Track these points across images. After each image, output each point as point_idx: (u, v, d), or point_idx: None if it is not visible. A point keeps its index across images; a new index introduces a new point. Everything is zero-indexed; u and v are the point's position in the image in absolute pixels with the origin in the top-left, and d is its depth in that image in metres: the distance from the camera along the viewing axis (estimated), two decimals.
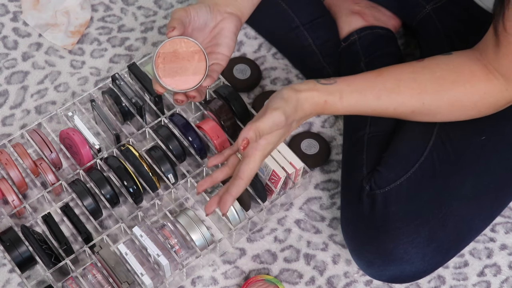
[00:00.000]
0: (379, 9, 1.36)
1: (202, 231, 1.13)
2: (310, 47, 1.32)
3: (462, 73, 0.99)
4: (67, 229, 1.18)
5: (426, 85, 1.00)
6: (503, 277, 1.19)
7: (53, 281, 1.09)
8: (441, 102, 1.00)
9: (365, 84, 1.01)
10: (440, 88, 1.00)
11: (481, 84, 0.98)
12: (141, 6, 1.47)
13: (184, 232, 1.13)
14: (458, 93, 0.99)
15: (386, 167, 1.08)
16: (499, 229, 1.23)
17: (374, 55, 1.27)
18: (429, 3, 1.26)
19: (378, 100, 1.00)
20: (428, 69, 1.01)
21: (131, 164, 1.17)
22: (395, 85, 1.00)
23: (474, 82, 0.99)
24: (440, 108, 1.01)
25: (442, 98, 1.00)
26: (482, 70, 0.98)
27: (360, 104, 1.00)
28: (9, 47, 1.41)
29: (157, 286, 1.10)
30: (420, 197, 1.06)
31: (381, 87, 1.00)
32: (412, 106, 1.01)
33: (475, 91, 0.99)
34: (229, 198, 0.95)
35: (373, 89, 1.00)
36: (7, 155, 1.17)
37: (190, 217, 1.14)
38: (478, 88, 0.99)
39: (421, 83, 1.00)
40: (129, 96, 1.22)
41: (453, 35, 1.22)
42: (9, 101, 1.34)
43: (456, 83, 0.99)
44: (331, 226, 1.22)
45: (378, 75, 1.02)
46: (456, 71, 1.00)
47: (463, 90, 0.99)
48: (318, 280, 1.17)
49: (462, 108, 1.00)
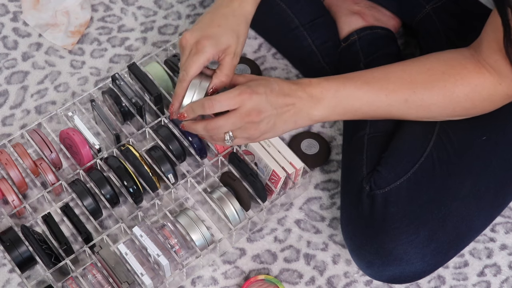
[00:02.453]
0: (379, 9, 1.36)
1: (202, 231, 1.13)
2: (309, 47, 1.32)
3: (452, 66, 0.99)
4: (67, 229, 1.18)
5: (416, 76, 1.00)
6: (503, 277, 1.19)
7: (53, 281, 1.09)
8: (432, 92, 1.00)
9: (352, 74, 1.02)
10: (430, 78, 1.00)
11: (472, 76, 0.98)
12: (141, 6, 1.47)
13: (184, 232, 1.13)
14: (448, 84, 0.99)
15: (386, 168, 1.08)
16: (499, 229, 1.23)
17: (373, 55, 1.27)
18: (429, 3, 1.26)
19: (368, 85, 1.00)
20: (417, 62, 1.02)
21: (131, 164, 1.17)
22: (383, 74, 1.01)
23: (464, 73, 0.99)
24: (432, 98, 1.00)
25: (433, 87, 1.00)
26: (473, 64, 0.98)
27: (348, 88, 1.00)
28: (9, 47, 1.41)
29: (157, 286, 1.10)
30: (420, 197, 1.06)
31: (368, 75, 1.01)
32: (403, 94, 1.00)
33: (466, 83, 0.99)
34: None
35: (360, 76, 1.01)
36: (7, 155, 1.17)
37: (190, 217, 1.14)
38: (469, 80, 0.99)
39: (410, 74, 1.00)
40: (129, 96, 1.22)
41: (453, 35, 1.22)
42: (9, 101, 1.34)
43: (446, 74, 0.99)
44: (331, 226, 1.22)
45: (368, 69, 1.03)
46: (447, 63, 1.00)
47: (454, 81, 0.99)
48: (318, 280, 1.17)
49: (455, 99, 1.00)
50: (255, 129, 0.99)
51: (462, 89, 0.99)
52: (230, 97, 0.97)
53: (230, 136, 0.99)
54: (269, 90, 0.98)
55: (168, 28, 1.44)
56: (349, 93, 1.00)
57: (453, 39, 1.22)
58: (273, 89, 0.98)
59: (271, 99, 0.98)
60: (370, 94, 1.00)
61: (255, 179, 1.16)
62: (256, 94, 0.97)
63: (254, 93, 0.97)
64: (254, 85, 0.98)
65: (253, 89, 0.97)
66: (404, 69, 1.01)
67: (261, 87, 0.98)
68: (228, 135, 0.99)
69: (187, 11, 1.46)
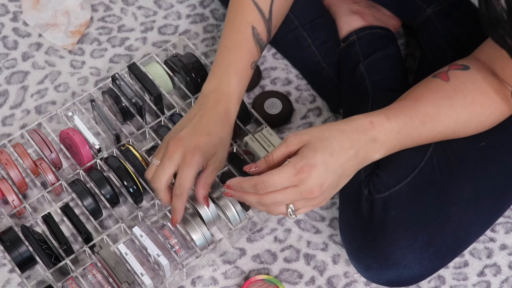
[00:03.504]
0: (379, 8, 1.36)
1: (203, 230, 1.13)
2: (309, 47, 1.32)
3: (489, 95, 0.98)
4: (67, 229, 1.18)
5: (462, 113, 0.99)
6: (503, 277, 1.19)
7: (53, 281, 1.09)
8: (469, 128, 1.01)
9: (407, 108, 0.98)
10: (471, 115, 0.99)
11: (503, 105, 0.99)
12: (141, 6, 1.47)
13: (184, 232, 1.13)
14: (483, 117, 0.99)
15: (386, 172, 1.08)
16: (499, 229, 1.23)
17: (373, 55, 1.27)
18: (429, 6, 1.26)
19: (424, 125, 0.97)
20: (460, 94, 0.98)
21: (131, 164, 1.17)
22: (435, 112, 0.98)
23: (498, 102, 0.99)
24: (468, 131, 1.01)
25: (471, 124, 1.00)
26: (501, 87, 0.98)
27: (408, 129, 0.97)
28: (9, 47, 1.41)
29: (157, 286, 1.10)
30: (419, 202, 1.06)
31: (423, 113, 0.97)
32: (446, 135, 1.00)
33: (499, 113, 0.99)
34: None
35: (417, 112, 0.97)
36: (7, 155, 1.17)
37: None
38: (502, 108, 0.99)
39: (456, 110, 0.98)
40: (129, 96, 1.22)
41: (453, 38, 1.23)
42: (9, 101, 1.34)
43: (485, 107, 0.99)
44: (331, 226, 1.22)
45: (416, 100, 0.99)
46: (484, 92, 0.98)
47: (489, 113, 0.99)
48: (318, 280, 1.17)
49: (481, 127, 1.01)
50: (319, 200, 0.93)
51: (494, 118, 1.00)
52: (285, 178, 0.89)
53: (292, 209, 0.92)
54: (328, 155, 0.90)
55: (168, 28, 1.44)
56: (408, 134, 0.97)
57: (454, 42, 1.22)
58: (333, 152, 0.90)
59: (332, 166, 0.91)
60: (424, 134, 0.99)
61: None
62: (315, 168, 0.89)
63: (312, 168, 0.89)
64: (310, 154, 0.89)
65: (309, 162, 0.89)
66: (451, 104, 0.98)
67: (319, 155, 0.89)
68: (290, 208, 0.92)
69: (187, 11, 1.46)
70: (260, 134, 1.20)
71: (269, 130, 1.20)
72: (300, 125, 1.32)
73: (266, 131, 1.20)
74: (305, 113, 1.34)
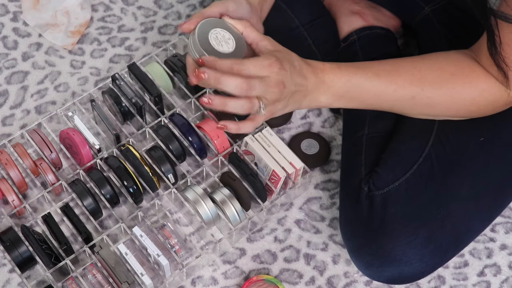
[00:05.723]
0: (379, 9, 1.36)
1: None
2: (309, 47, 1.32)
3: (462, 67, 0.99)
4: (67, 229, 1.18)
5: (426, 73, 0.99)
6: (503, 277, 1.19)
7: (53, 281, 1.09)
8: (440, 92, 1.00)
9: (363, 64, 1.02)
10: (439, 78, 0.99)
11: (481, 80, 0.98)
12: (141, 6, 1.47)
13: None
14: (457, 86, 0.99)
15: (385, 168, 1.08)
16: (499, 229, 1.23)
17: (373, 55, 1.27)
18: (428, 4, 1.26)
19: (378, 78, 0.99)
20: (428, 60, 1.01)
21: (131, 164, 1.17)
22: (394, 68, 1.00)
23: (472, 77, 0.99)
24: (439, 98, 1.00)
25: (441, 87, 1.00)
26: (480, 68, 0.99)
27: (358, 79, 0.99)
28: (9, 47, 1.41)
29: (157, 286, 1.10)
30: (418, 198, 1.06)
31: (379, 67, 1.00)
32: (411, 90, 1.00)
33: (474, 86, 0.99)
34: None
35: (371, 67, 1.00)
36: (7, 155, 1.17)
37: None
38: (477, 83, 0.99)
39: (420, 70, 1.00)
40: (129, 96, 1.23)
41: (452, 36, 1.22)
42: (9, 101, 1.34)
43: (455, 76, 0.99)
44: (331, 226, 1.22)
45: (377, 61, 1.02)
46: (457, 64, 1.00)
47: (462, 83, 0.99)
48: (318, 280, 1.17)
49: (462, 102, 1.00)
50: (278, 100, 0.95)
51: (470, 92, 0.99)
52: (262, 65, 0.92)
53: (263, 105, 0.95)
54: (293, 68, 0.95)
55: (168, 28, 1.44)
56: (358, 84, 0.99)
57: (452, 40, 1.22)
58: (295, 67, 0.96)
59: (293, 77, 0.95)
60: (379, 87, 1.00)
61: (255, 179, 1.16)
62: (283, 70, 0.94)
63: (282, 68, 0.93)
64: (281, 57, 0.94)
65: (281, 63, 0.94)
66: (414, 65, 1.01)
67: (287, 63, 0.95)
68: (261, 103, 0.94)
69: (187, 11, 1.46)
70: (260, 134, 1.20)
71: (269, 130, 1.20)
72: (300, 125, 1.32)
73: (266, 131, 1.20)
74: (305, 113, 1.34)
